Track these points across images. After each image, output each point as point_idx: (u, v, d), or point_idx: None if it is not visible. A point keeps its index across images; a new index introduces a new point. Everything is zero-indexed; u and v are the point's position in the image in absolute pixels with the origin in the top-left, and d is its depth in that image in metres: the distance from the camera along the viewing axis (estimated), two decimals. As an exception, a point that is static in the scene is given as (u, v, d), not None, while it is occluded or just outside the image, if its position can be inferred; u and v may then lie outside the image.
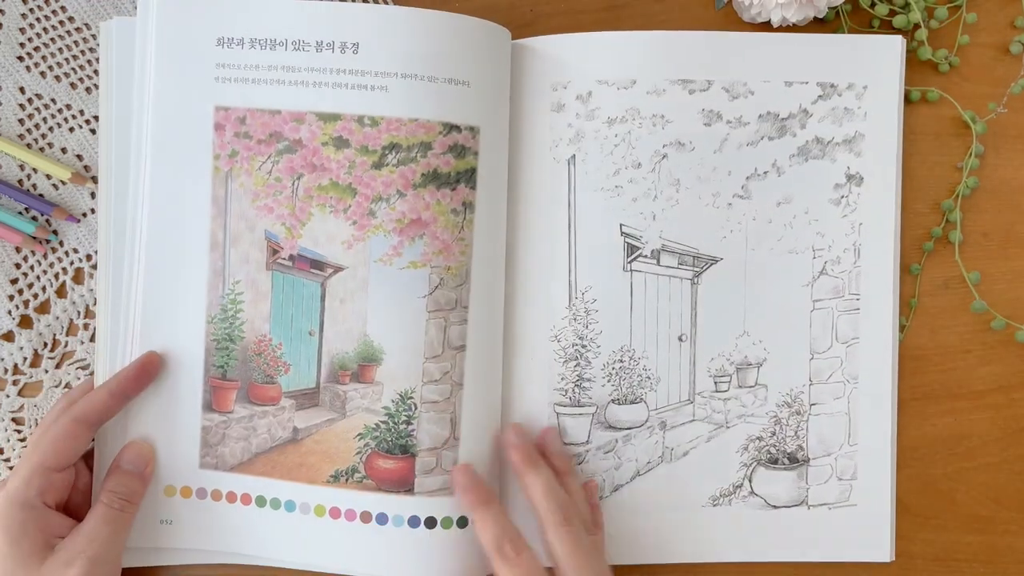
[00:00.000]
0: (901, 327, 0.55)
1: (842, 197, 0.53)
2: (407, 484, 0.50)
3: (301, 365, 0.51)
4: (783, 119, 0.53)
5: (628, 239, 0.53)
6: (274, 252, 0.51)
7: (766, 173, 0.53)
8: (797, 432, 0.54)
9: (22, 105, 0.55)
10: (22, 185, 0.55)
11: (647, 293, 0.53)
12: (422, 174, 0.50)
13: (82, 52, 0.55)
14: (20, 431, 0.55)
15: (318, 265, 0.51)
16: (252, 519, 0.51)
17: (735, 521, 0.53)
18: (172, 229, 0.51)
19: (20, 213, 0.55)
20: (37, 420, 0.55)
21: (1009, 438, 0.56)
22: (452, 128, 0.50)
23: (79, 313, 0.55)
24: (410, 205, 0.50)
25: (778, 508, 0.54)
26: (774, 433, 0.54)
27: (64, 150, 0.55)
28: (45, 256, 0.55)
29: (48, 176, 0.55)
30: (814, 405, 0.54)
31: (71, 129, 0.55)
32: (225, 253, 0.51)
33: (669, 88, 0.53)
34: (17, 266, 0.55)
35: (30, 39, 0.55)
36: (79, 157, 0.55)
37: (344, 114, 0.50)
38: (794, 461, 0.54)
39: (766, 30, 0.55)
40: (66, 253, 0.55)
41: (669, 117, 0.53)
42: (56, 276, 0.55)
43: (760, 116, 0.53)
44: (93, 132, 0.55)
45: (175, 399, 0.51)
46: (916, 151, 0.56)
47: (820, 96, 0.53)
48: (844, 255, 0.53)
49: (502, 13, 0.56)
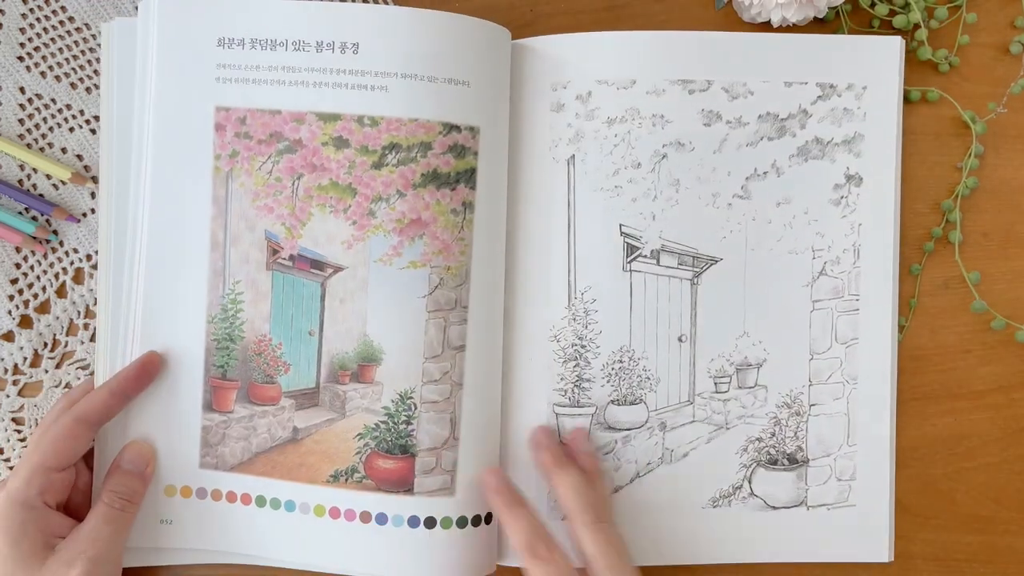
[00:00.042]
0: (901, 327, 0.55)
1: (842, 198, 0.53)
2: (407, 484, 0.50)
3: (301, 365, 0.51)
4: (783, 119, 0.53)
5: (628, 239, 0.53)
6: (274, 252, 0.51)
7: (766, 173, 0.53)
8: (796, 433, 0.54)
9: (22, 105, 0.55)
10: (22, 185, 0.55)
11: (647, 293, 0.53)
12: (422, 174, 0.50)
13: (82, 52, 0.55)
14: (20, 431, 0.55)
15: (318, 265, 0.51)
16: (252, 519, 0.51)
17: (734, 522, 0.53)
18: (172, 229, 0.51)
19: (20, 213, 0.55)
20: (37, 420, 0.55)
21: (1009, 438, 0.56)
22: (452, 128, 0.50)
23: (79, 313, 0.56)
24: (410, 205, 0.50)
25: (777, 509, 0.54)
26: (773, 434, 0.54)
27: (64, 150, 0.55)
28: (45, 256, 0.55)
29: (48, 176, 0.55)
30: (813, 406, 0.54)
31: (71, 129, 0.55)
32: (225, 253, 0.51)
33: (669, 88, 0.53)
34: (17, 266, 0.55)
35: (30, 39, 0.55)
36: (79, 157, 0.56)
37: (344, 114, 0.50)
38: (793, 462, 0.54)
39: (766, 30, 0.55)
40: (66, 253, 0.55)
41: (669, 117, 0.53)
42: (56, 276, 0.55)
43: (760, 116, 0.53)
44: (93, 132, 0.55)
45: (175, 399, 0.51)
46: (916, 151, 0.56)
47: (820, 96, 0.53)
48: (844, 255, 0.53)
49: (502, 13, 0.56)
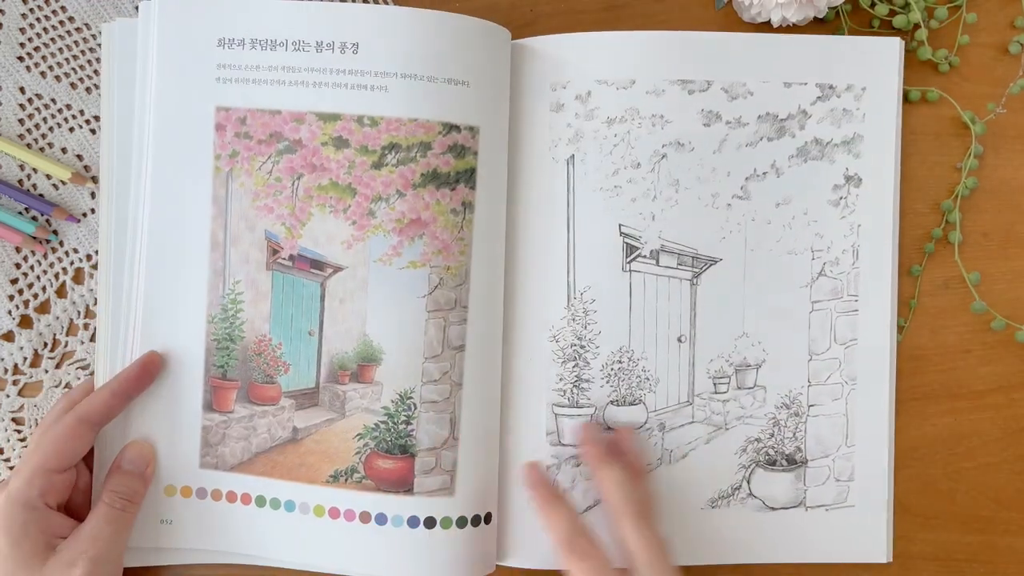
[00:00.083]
0: (900, 328, 0.55)
1: (841, 198, 0.53)
2: (406, 484, 0.50)
3: (301, 365, 0.51)
4: (782, 120, 0.53)
5: (627, 239, 0.53)
6: (274, 252, 0.51)
7: (765, 174, 0.53)
8: (795, 433, 0.54)
9: (22, 105, 0.55)
10: (22, 185, 0.55)
11: (646, 293, 0.53)
12: (422, 174, 0.50)
13: (82, 52, 0.56)
14: (20, 431, 0.55)
15: (318, 265, 0.51)
16: (252, 519, 0.51)
17: (733, 523, 0.53)
18: (173, 229, 0.51)
19: (20, 213, 0.55)
20: (37, 420, 0.55)
21: (1009, 438, 0.56)
22: (452, 128, 0.50)
23: (79, 313, 0.56)
24: (410, 205, 0.50)
25: (776, 510, 0.54)
26: (772, 435, 0.54)
27: (64, 150, 0.55)
28: (45, 256, 0.55)
29: (48, 176, 0.55)
30: (812, 406, 0.54)
31: (71, 129, 0.55)
32: (225, 253, 0.51)
33: (668, 88, 0.53)
34: (17, 266, 0.55)
35: (30, 39, 0.55)
36: (79, 157, 0.56)
37: (344, 114, 0.50)
38: (792, 463, 0.54)
39: (766, 30, 0.55)
40: (66, 253, 0.55)
41: (668, 117, 0.53)
42: (56, 276, 0.55)
43: (759, 117, 0.53)
44: (93, 132, 0.55)
45: (175, 399, 0.51)
46: (915, 151, 0.56)
47: (819, 97, 0.53)
48: (843, 256, 0.53)
49: (502, 13, 0.56)
